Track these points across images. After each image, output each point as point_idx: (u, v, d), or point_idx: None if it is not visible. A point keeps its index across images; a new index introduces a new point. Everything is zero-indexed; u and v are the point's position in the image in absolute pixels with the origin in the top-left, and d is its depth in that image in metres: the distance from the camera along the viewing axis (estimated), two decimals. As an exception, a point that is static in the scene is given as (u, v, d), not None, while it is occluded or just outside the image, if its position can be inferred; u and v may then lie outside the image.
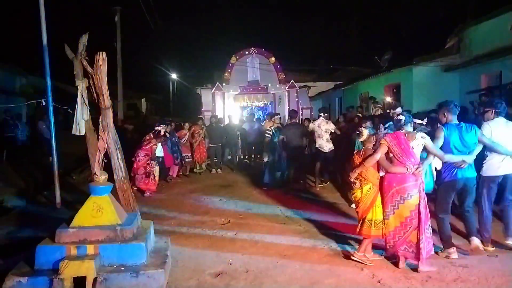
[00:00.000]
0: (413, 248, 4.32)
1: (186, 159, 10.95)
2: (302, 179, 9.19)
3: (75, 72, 4.79)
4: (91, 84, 4.70)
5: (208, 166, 11.73)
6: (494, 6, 11.72)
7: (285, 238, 5.53)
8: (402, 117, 4.61)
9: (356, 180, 4.61)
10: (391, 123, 6.71)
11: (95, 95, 4.72)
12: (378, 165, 4.59)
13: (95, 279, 3.84)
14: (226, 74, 15.81)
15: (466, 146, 4.62)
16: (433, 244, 4.48)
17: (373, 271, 4.35)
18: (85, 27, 5.12)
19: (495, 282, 4.00)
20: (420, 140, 4.44)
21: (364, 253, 4.61)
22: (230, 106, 15.41)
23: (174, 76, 39.41)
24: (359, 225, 4.66)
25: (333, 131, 8.81)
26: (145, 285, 3.93)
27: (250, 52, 15.89)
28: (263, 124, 12.93)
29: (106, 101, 4.68)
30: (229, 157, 12.92)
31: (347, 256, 4.72)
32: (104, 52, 4.57)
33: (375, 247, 4.78)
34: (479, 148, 4.79)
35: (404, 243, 4.37)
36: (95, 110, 4.85)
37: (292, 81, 15.62)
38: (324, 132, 8.73)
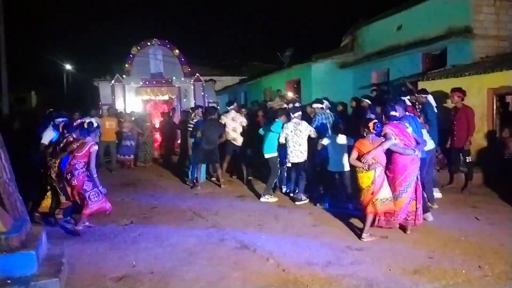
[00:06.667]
0: (412, 216, 5.21)
1: None
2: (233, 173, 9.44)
3: None
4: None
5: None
6: (385, 7, 12.78)
7: (193, 235, 5.44)
8: (397, 113, 5.33)
9: (369, 163, 4.97)
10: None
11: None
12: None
13: (-27, 298, 3.38)
14: (126, 65, 14.96)
15: None
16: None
17: (278, 261, 4.47)
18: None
19: (386, 262, 4.38)
20: (410, 129, 5.33)
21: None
22: (131, 99, 14.65)
23: (69, 67, 36.46)
24: (369, 205, 5.00)
25: (245, 124, 8.82)
26: (36, 297, 3.57)
27: (152, 43, 15.21)
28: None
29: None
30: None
31: (359, 235, 5.08)
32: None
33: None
34: None
35: (406, 214, 5.20)
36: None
37: (197, 74, 15.36)
38: (239, 126, 8.76)
